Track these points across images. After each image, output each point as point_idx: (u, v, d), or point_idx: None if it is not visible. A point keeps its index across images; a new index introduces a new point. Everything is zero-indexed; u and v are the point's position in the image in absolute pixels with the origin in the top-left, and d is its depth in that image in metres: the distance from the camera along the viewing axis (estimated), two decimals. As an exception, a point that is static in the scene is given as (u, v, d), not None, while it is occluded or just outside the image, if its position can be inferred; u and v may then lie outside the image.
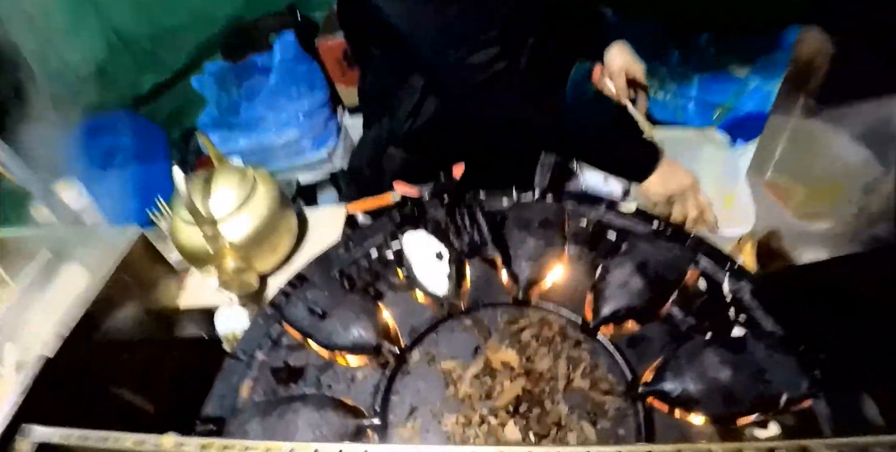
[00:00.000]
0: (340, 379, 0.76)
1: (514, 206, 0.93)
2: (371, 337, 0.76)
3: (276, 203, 0.99)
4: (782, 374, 0.67)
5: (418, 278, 0.85)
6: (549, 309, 0.79)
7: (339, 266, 0.92)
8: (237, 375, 0.79)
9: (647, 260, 0.79)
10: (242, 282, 0.93)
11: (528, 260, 0.83)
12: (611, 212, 0.93)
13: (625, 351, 0.73)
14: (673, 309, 0.79)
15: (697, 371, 0.67)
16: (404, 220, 0.94)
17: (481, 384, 0.71)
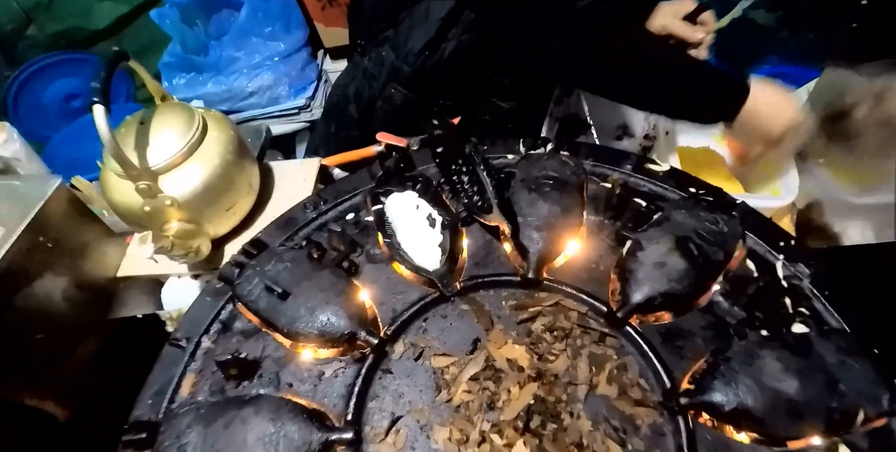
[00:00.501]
0: (305, 377, 0.61)
1: (522, 161, 0.77)
2: (344, 323, 0.60)
3: (230, 151, 0.81)
4: (858, 384, 0.53)
5: (404, 248, 0.69)
6: (566, 291, 0.64)
7: (306, 231, 0.75)
8: (177, 367, 0.63)
9: (688, 234, 0.64)
10: (189, 248, 0.76)
11: (539, 230, 0.67)
12: (638, 173, 0.76)
13: (660, 349, 0.59)
14: (716, 297, 0.64)
15: (755, 378, 0.53)
16: (388, 176, 0.77)
17: (482, 388, 0.56)
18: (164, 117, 0.78)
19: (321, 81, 2.06)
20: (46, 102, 2.28)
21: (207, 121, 0.81)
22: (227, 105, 1.98)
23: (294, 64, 1.99)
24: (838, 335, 0.58)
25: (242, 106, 1.98)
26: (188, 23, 2.00)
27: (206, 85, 1.95)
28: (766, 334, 0.59)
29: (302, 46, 2.01)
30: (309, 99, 2.00)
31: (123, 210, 0.77)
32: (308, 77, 2.02)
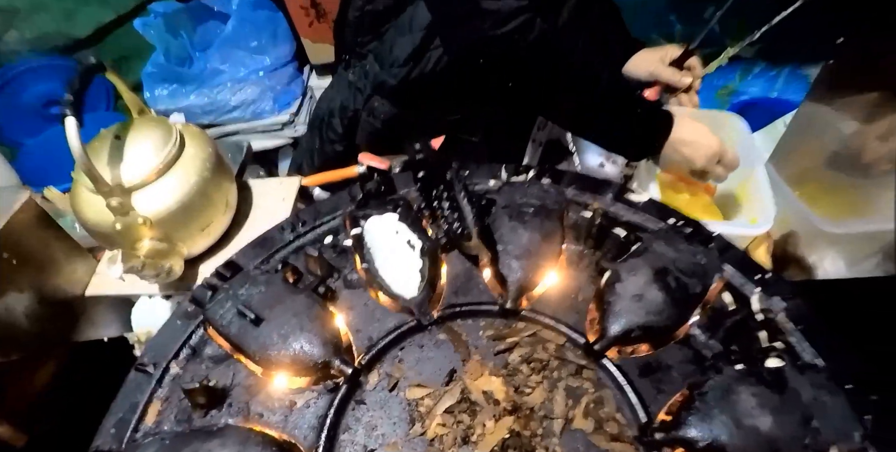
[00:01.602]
0: (276, 407, 0.59)
1: (504, 188, 0.76)
2: (317, 351, 0.59)
3: (207, 169, 0.79)
4: (831, 420, 0.53)
5: (382, 274, 0.68)
6: (545, 322, 0.64)
7: (283, 253, 0.74)
8: (143, 394, 0.61)
9: (667, 266, 0.64)
10: (160, 269, 0.74)
11: (519, 259, 0.66)
12: (619, 202, 0.77)
13: (637, 383, 0.58)
14: (694, 330, 0.64)
15: (730, 414, 0.53)
16: (368, 199, 0.76)
17: (456, 422, 0.55)
18: (140, 132, 0.76)
19: (306, 97, 2.05)
20: (24, 107, 2.24)
21: (185, 136, 0.80)
22: (209, 118, 1.97)
23: (279, 78, 1.98)
24: (812, 370, 0.58)
25: (225, 119, 1.97)
26: (173, 33, 1.99)
27: (189, 97, 1.93)
28: (741, 368, 0.59)
29: (288, 61, 2.00)
30: (293, 114, 1.99)
31: (94, 227, 0.75)
32: (293, 92, 2.01)
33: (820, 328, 0.63)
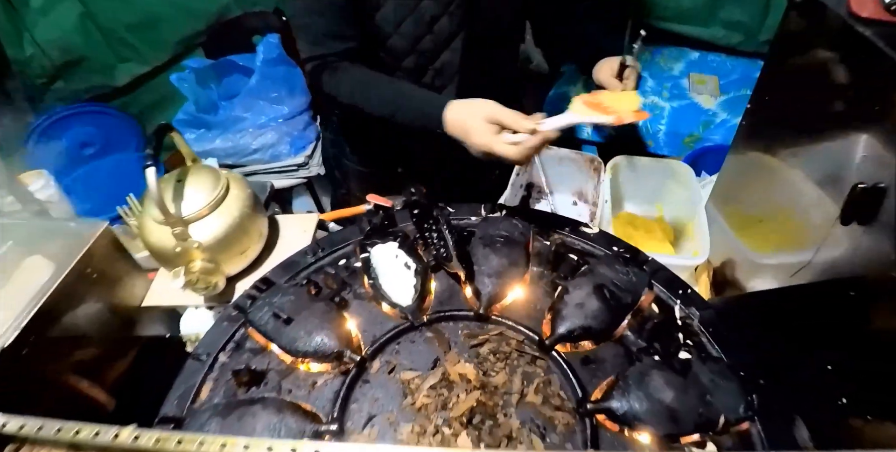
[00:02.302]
0: (301, 385, 0.77)
1: (482, 222, 0.96)
2: (334, 344, 0.77)
3: (247, 206, 0.99)
4: (723, 397, 0.71)
5: (384, 288, 0.87)
6: (509, 324, 0.82)
7: (306, 272, 0.93)
8: (198, 376, 0.79)
9: (605, 283, 0.82)
10: (209, 283, 0.93)
11: (490, 277, 0.85)
12: (574, 234, 0.96)
13: (577, 370, 0.76)
14: (626, 332, 0.82)
15: (644, 391, 0.70)
16: (374, 231, 0.96)
17: (438, 395, 0.73)
18: (196, 176, 0.97)
19: (319, 142, 2.27)
20: (63, 149, 2.46)
21: (230, 181, 1.01)
22: (232, 159, 2.19)
23: (295, 125, 2.21)
24: (714, 361, 0.76)
25: (246, 161, 2.18)
26: (202, 85, 2.24)
27: (215, 141, 2.15)
28: (657, 359, 0.77)
29: (303, 110, 2.24)
30: (307, 157, 2.21)
31: (157, 249, 0.95)
32: (308, 137, 2.24)
33: (725, 332, 0.82)
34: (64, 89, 2.35)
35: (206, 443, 0.47)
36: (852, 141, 0.72)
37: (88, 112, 2.43)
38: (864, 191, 0.66)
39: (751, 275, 1.12)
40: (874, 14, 0.69)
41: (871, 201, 0.66)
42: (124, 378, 0.86)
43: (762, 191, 1.05)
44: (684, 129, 1.90)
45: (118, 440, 0.49)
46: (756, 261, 1.09)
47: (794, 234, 0.96)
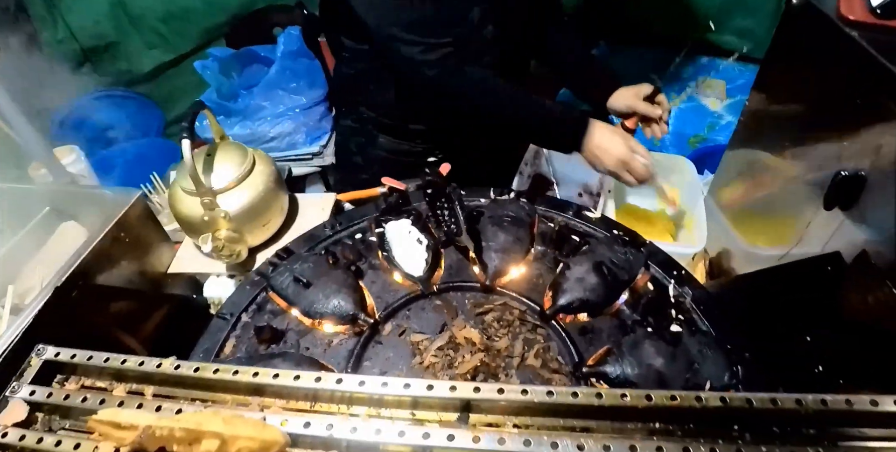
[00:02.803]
0: (318, 344, 0.83)
1: (491, 204, 1.02)
2: (349, 307, 0.83)
3: (271, 181, 1.06)
4: (709, 367, 0.76)
5: (397, 260, 0.93)
6: (513, 296, 0.88)
7: (324, 244, 1.00)
8: (222, 333, 0.85)
9: (604, 261, 0.88)
10: (233, 251, 0.99)
11: (497, 252, 0.91)
12: (577, 218, 1.02)
13: (575, 338, 0.82)
14: (623, 306, 0.88)
15: (636, 358, 0.76)
16: (389, 209, 1.02)
17: (445, 355, 0.78)
18: (225, 152, 1.04)
19: (334, 132, 2.34)
20: (86, 131, 2.54)
21: (256, 158, 1.07)
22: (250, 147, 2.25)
23: (312, 115, 2.27)
24: (703, 334, 0.82)
25: (263, 148, 2.24)
26: (225, 74, 2.31)
27: (234, 128, 2.22)
28: (650, 331, 0.82)
29: (321, 101, 2.30)
30: (322, 146, 2.27)
31: (185, 218, 1.02)
32: (323, 128, 2.30)
33: (715, 309, 0.87)
34: (92, 73, 2.43)
35: (241, 373, 0.53)
36: (837, 134, 0.77)
37: (113, 96, 2.52)
38: (845, 178, 0.72)
39: (744, 264, 1.17)
40: (861, 17, 0.75)
41: (851, 188, 0.72)
42: (154, 333, 0.92)
43: (756, 184, 1.11)
44: (690, 130, 1.95)
45: (161, 368, 0.55)
46: (749, 251, 1.15)
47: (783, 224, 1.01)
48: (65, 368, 0.59)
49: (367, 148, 1.42)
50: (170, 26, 2.35)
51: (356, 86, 1.34)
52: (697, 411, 0.48)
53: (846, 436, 0.50)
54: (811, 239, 0.84)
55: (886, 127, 0.69)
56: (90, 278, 0.89)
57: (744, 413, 0.48)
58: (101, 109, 2.50)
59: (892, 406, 0.48)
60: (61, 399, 0.53)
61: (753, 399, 0.48)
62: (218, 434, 0.40)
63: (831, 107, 0.81)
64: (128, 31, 2.30)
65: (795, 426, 0.49)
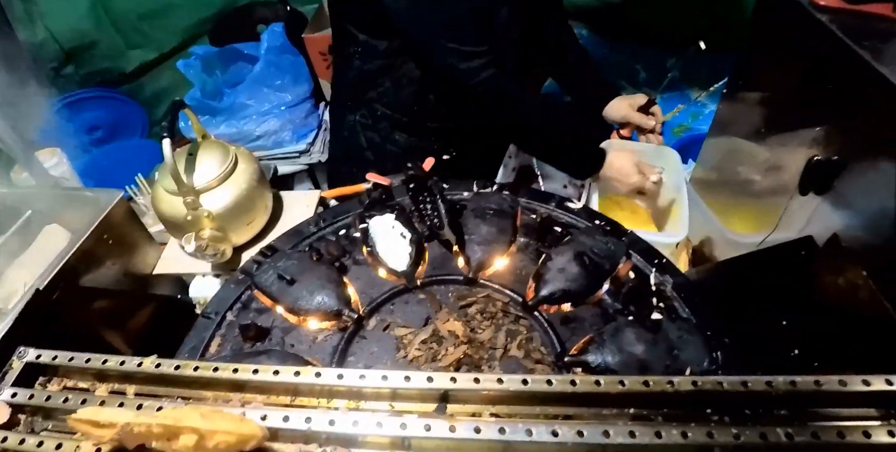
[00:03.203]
0: (303, 340, 0.84)
1: (474, 196, 1.03)
2: (333, 303, 0.84)
3: (254, 179, 1.06)
4: (689, 352, 0.77)
5: (381, 255, 0.93)
6: (496, 288, 0.89)
7: (308, 240, 1.00)
8: (207, 332, 0.86)
9: (585, 251, 0.89)
10: (218, 250, 0.99)
11: (480, 245, 0.92)
12: (560, 209, 1.03)
13: (558, 328, 0.83)
14: (605, 295, 0.89)
15: (617, 345, 0.77)
16: (372, 204, 1.02)
17: (428, 348, 0.79)
18: (207, 151, 1.04)
19: (321, 129, 2.33)
20: (70, 133, 2.51)
21: (238, 156, 1.07)
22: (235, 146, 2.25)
23: (298, 113, 2.27)
24: (683, 321, 0.83)
25: (250, 147, 2.23)
26: (208, 72, 2.29)
27: (219, 127, 2.21)
28: (631, 319, 0.83)
29: (306, 98, 2.30)
30: (309, 144, 2.27)
31: (169, 218, 1.02)
32: (310, 125, 2.30)
33: (695, 296, 0.88)
34: (73, 74, 2.41)
35: (221, 370, 0.53)
36: (811, 120, 0.78)
37: (97, 97, 2.50)
38: (818, 163, 0.73)
39: (726, 251, 1.18)
40: (832, 2, 0.76)
41: (825, 172, 0.73)
42: (140, 334, 0.92)
43: (734, 171, 1.12)
44: (674, 120, 1.95)
45: (142, 367, 0.55)
46: (731, 238, 1.16)
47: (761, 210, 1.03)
48: (47, 370, 0.59)
49: (380, 144, 1.41)
50: (151, 24, 2.34)
51: (370, 83, 1.32)
52: (670, 395, 0.49)
53: (816, 416, 0.51)
54: (788, 224, 0.86)
55: (856, 111, 0.70)
56: (74, 280, 0.89)
57: (715, 396, 0.49)
58: (85, 111, 2.48)
59: (860, 386, 0.50)
60: (43, 400, 0.54)
61: (724, 382, 0.49)
62: (196, 429, 0.40)
63: (804, 92, 0.82)
64: (108, 30, 2.28)
65: (767, 407, 0.50)
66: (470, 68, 1.13)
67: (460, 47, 1.12)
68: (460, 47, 1.12)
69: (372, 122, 1.37)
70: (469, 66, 1.13)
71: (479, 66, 1.13)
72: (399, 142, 1.37)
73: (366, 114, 1.36)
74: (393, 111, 1.33)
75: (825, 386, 0.49)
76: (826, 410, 0.51)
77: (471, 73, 1.13)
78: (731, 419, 0.50)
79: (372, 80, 1.31)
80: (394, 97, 1.30)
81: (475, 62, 1.13)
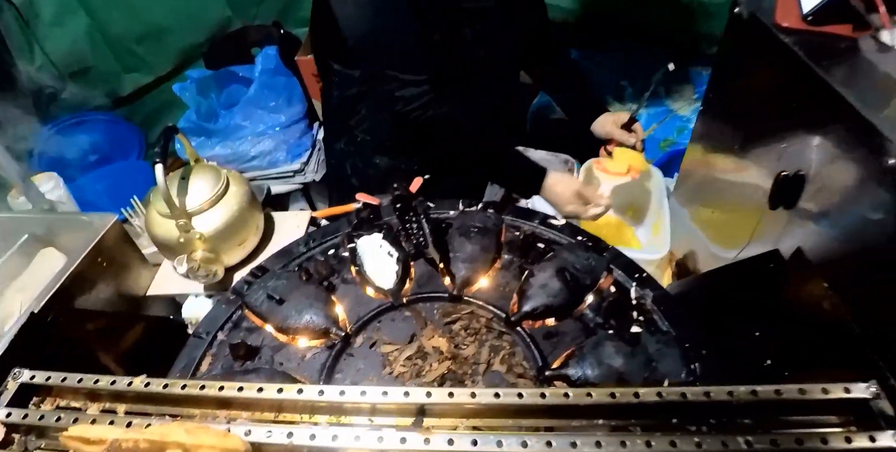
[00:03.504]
0: (292, 358, 0.86)
1: (459, 215, 1.06)
2: (321, 321, 0.86)
3: (245, 201, 1.09)
4: (667, 364, 0.79)
5: (368, 274, 0.96)
6: (480, 304, 0.91)
7: (298, 260, 1.02)
8: (198, 351, 0.88)
9: (567, 266, 0.91)
10: (210, 271, 1.02)
11: (464, 262, 0.94)
12: (543, 225, 1.06)
13: (540, 343, 0.85)
14: (586, 310, 0.91)
15: (596, 358, 0.79)
16: (361, 223, 1.05)
17: (413, 364, 0.81)
18: (199, 174, 1.07)
19: (315, 149, 2.37)
20: (67, 156, 2.55)
21: (230, 179, 1.10)
22: (231, 166, 2.28)
23: (292, 133, 2.31)
24: (662, 334, 0.85)
25: (245, 167, 2.28)
26: (203, 95, 2.34)
27: (215, 148, 2.25)
28: (611, 332, 0.85)
29: (300, 119, 2.34)
30: (304, 164, 2.30)
31: (161, 240, 1.04)
32: (304, 145, 2.33)
33: (675, 310, 0.90)
34: (71, 98, 2.44)
35: (208, 387, 0.56)
36: (778, 136, 0.82)
37: (93, 120, 2.54)
38: (786, 178, 0.76)
39: (707, 265, 1.21)
40: (794, 24, 0.79)
41: (793, 187, 0.76)
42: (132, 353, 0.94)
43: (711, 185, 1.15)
44: (660, 134, 2.00)
45: (132, 386, 0.57)
46: (712, 251, 1.19)
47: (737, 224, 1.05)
48: (41, 390, 0.62)
49: (362, 169, 1.46)
50: (147, 48, 2.38)
51: (348, 110, 1.38)
52: (636, 406, 0.51)
53: (778, 424, 0.53)
54: (762, 237, 0.88)
55: (818, 127, 0.73)
56: (69, 302, 0.91)
57: (680, 406, 0.52)
58: (81, 133, 2.51)
59: (819, 395, 0.52)
60: (37, 419, 0.56)
61: (688, 392, 0.51)
62: (181, 444, 0.43)
63: (771, 109, 0.86)
64: (105, 54, 2.33)
65: (730, 416, 0.53)
66: (410, 96, 1.21)
67: (400, 75, 1.19)
68: (400, 75, 1.19)
69: (354, 149, 1.41)
70: (410, 94, 1.20)
71: (417, 93, 1.20)
72: (379, 165, 1.41)
73: (348, 141, 1.41)
74: (372, 136, 1.37)
75: (785, 395, 0.51)
76: (787, 418, 0.53)
77: (409, 101, 1.21)
78: (696, 428, 0.52)
79: (350, 108, 1.36)
80: (371, 122, 1.35)
81: (413, 90, 1.20)
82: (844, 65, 0.72)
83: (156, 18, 2.34)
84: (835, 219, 0.69)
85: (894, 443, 0.48)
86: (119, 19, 2.28)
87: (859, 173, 0.64)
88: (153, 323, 1.04)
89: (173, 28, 2.40)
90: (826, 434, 0.49)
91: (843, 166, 0.68)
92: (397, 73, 1.19)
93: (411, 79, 1.19)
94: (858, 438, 0.48)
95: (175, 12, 2.36)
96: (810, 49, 0.76)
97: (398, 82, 1.19)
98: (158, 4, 2.31)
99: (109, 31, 2.29)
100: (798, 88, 0.76)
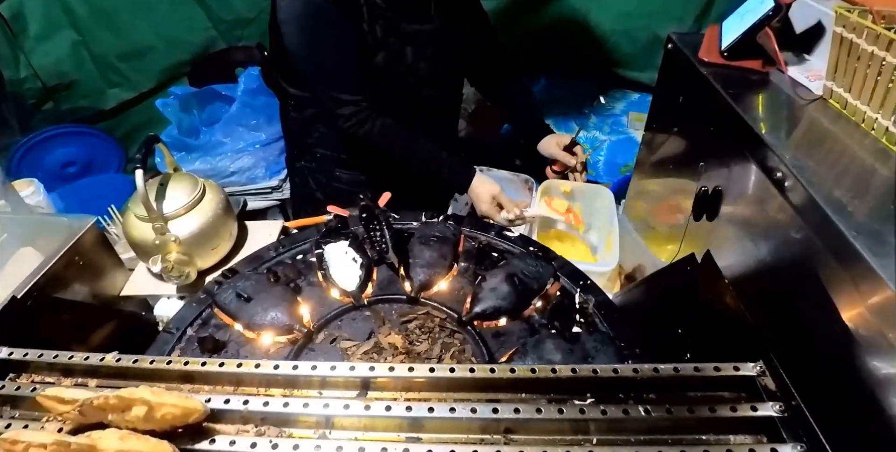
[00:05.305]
0: (256, 353, 0.91)
1: (421, 226, 1.13)
2: (286, 319, 0.92)
3: (220, 208, 1.15)
4: (602, 360, 0.87)
5: (333, 277, 1.03)
6: (435, 306, 0.98)
7: (268, 264, 1.09)
8: (168, 346, 0.93)
9: (516, 272, 0.99)
10: (182, 273, 1.08)
11: (423, 268, 1.02)
12: (498, 237, 1.14)
13: (488, 341, 0.92)
14: (533, 313, 0.99)
15: (537, 354, 0.86)
16: (329, 232, 1.12)
17: (370, 358, 0.88)
18: (176, 182, 1.13)
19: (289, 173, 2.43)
20: (46, 167, 2.58)
21: (206, 187, 1.17)
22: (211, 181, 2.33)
23: (271, 151, 2.38)
24: (600, 334, 0.93)
25: (224, 182, 2.33)
26: (185, 111, 2.41)
27: (195, 163, 2.31)
28: (553, 332, 0.93)
29: (279, 138, 2.40)
30: (281, 181, 2.37)
31: (138, 242, 1.10)
32: (282, 162, 2.39)
33: (614, 314, 0.99)
34: (53, 110, 2.50)
35: (174, 362, 0.62)
36: (702, 156, 0.92)
37: (73, 133, 2.57)
38: (705, 192, 0.85)
39: (651, 275, 1.29)
40: (713, 59, 0.90)
41: (712, 201, 0.85)
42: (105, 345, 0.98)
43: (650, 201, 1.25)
44: (621, 160, 2.12)
45: (104, 361, 0.63)
46: (655, 262, 1.28)
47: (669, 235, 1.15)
48: (17, 366, 0.67)
49: (327, 184, 1.54)
50: (131, 65, 2.45)
51: (306, 130, 1.47)
52: (553, 381, 0.58)
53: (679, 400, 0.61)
54: (689, 247, 0.97)
55: (731, 149, 0.83)
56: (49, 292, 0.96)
57: (593, 381, 0.59)
58: (61, 146, 2.55)
59: (712, 372, 0.60)
60: (13, 390, 0.61)
61: (598, 369, 0.59)
62: (146, 401, 0.48)
63: (697, 133, 0.96)
64: (89, 69, 2.39)
65: (637, 391, 0.60)
66: (349, 113, 1.33)
67: (339, 95, 1.31)
68: (339, 95, 1.31)
69: (316, 166, 1.51)
70: (349, 112, 1.33)
71: (355, 111, 1.32)
72: (342, 178, 1.50)
73: (310, 159, 1.50)
74: (332, 151, 1.47)
75: (682, 372, 0.59)
76: (687, 394, 0.61)
77: (348, 118, 1.33)
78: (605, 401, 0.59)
79: (308, 128, 1.46)
80: (330, 139, 1.44)
81: (351, 108, 1.32)
82: (749, 92, 0.82)
83: (142, 38, 2.41)
84: (744, 228, 0.79)
85: (773, 413, 0.56)
86: (105, 37, 2.35)
87: (760, 186, 0.74)
88: (126, 319, 1.08)
89: (159, 47, 2.47)
90: (714, 405, 0.56)
91: (750, 181, 0.77)
92: (337, 93, 1.31)
93: (349, 99, 1.32)
94: (742, 408, 0.56)
95: (161, 32, 2.44)
96: (724, 79, 0.87)
97: (338, 102, 1.32)
98: (145, 24, 2.39)
99: (95, 48, 2.36)
100: (714, 115, 0.87)
